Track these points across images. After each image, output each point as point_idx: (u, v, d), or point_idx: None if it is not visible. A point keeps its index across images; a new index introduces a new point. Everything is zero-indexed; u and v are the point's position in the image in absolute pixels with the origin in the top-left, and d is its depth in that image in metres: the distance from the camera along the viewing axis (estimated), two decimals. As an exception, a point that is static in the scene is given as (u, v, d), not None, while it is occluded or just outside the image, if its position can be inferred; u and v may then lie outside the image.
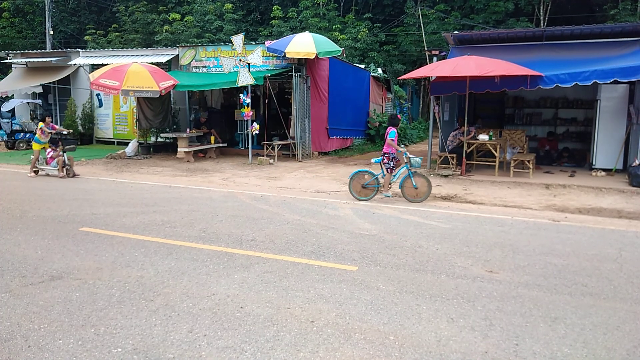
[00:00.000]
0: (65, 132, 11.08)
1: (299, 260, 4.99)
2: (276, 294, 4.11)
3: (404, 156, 8.15)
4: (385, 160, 8.18)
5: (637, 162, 9.81)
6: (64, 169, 10.54)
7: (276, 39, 15.05)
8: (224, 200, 8.22)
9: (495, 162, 10.83)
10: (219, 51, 15.14)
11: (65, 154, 10.66)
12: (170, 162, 13.23)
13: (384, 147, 8.27)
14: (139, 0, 28.55)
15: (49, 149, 10.85)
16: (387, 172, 8.22)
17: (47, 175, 10.77)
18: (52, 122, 11.34)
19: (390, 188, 8.39)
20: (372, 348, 3.22)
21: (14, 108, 17.94)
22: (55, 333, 3.39)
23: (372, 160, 8.47)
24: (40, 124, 10.99)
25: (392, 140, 8.13)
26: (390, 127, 8.27)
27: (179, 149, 13.59)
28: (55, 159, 10.64)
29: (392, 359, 3.10)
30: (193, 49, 15.74)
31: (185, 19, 26.34)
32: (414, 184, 8.11)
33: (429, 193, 8.20)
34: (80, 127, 17.28)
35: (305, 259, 5.05)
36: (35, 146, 10.91)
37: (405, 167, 8.18)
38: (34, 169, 10.89)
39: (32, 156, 11.04)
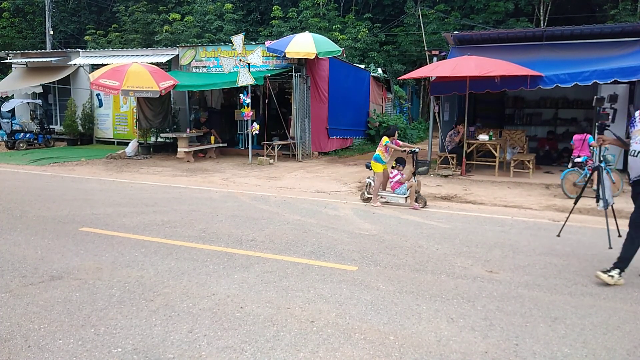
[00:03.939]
0: (416, 150, 8.17)
1: (299, 260, 4.99)
2: (276, 294, 4.11)
3: (599, 155, 8.78)
4: (590, 162, 8.93)
5: (637, 162, 9.82)
6: (417, 198, 7.88)
7: (276, 39, 15.05)
8: (224, 201, 8.22)
9: (495, 162, 10.83)
10: (219, 51, 15.14)
11: (415, 177, 7.95)
12: (170, 162, 13.22)
13: (581, 152, 9.14)
14: (139, 0, 28.56)
15: (394, 172, 8.15)
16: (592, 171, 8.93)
17: (387, 204, 8.10)
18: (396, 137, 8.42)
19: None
20: (372, 348, 3.22)
21: (14, 108, 17.94)
22: (55, 333, 3.38)
23: (577, 160, 9.21)
24: (386, 140, 8.17)
25: (593, 142, 9.05)
26: (586, 134, 9.20)
27: (179, 149, 13.59)
28: (404, 185, 8.01)
29: (392, 359, 3.10)
30: (193, 49, 15.74)
31: (185, 19, 26.35)
32: (613, 179, 8.64)
33: (622, 186, 8.85)
34: (80, 127, 17.29)
35: (305, 259, 5.05)
36: (377, 167, 8.16)
37: (602, 164, 8.68)
38: (368, 196, 8.28)
39: (370, 180, 8.25)
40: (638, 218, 4.43)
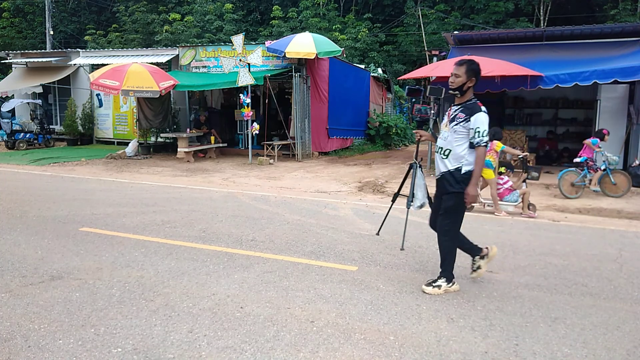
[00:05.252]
0: (526, 155, 7.69)
1: (299, 260, 4.99)
2: (276, 294, 4.11)
3: (601, 156, 8.87)
4: (591, 163, 8.92)
5: (637, 162, 9.81)
6: (528, 205, 7.41)
7: (276, 39, 15.06)
8: (224, 200, 8.22)
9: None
10: (219, 51, 15.15)
11: (525, 183, 7.54)
12: (170, 162, 13.23)
13: (584, 152, 9.05)
14: (139, 0, 28.58)
15: (505, 177, 7.65)
16: (593, 171, 8.88)
17: (493, 215, 7.42)
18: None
19: (596, 184, 8.99)
20: (372, 348, 3.22)
21: (14, 108, 17.95)
22: (55, 333, 3.38)
23: (576, 160, 9.11)
24: (501, 145, 7.68)
25: (595, 145, 8.92)
26: (594, 137, 9.06)
27: (179, 149, 13.59)
28: (516, 192, 7.48)
29: (392, 359, 3.10)
30: (193, 49, 15.75)
31: (185, 19, 26.38)
32: (613, 180, 8.73)
33: (629, 187, 8.79)
34: (80, 127, 17.30)
35: (305, 259, 5.05)
36: (489, 174, 7.52)
37: (603, 165, 8.87)
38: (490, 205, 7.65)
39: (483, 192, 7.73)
40: (442, 225, 4.16)
